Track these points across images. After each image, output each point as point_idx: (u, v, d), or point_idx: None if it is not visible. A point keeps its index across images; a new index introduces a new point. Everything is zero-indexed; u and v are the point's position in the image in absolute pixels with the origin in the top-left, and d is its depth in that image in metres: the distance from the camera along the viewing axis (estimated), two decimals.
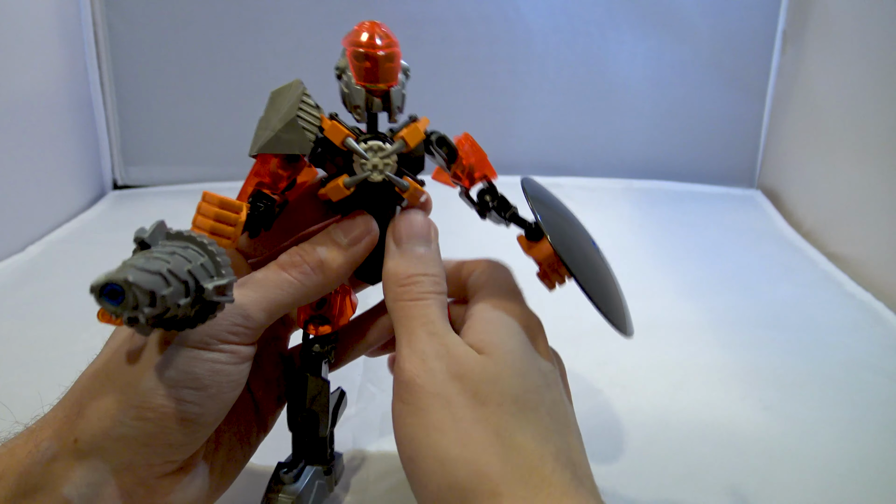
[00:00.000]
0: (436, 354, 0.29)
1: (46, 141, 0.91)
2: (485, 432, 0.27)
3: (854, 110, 0.86)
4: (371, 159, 0.32)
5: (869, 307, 0.70)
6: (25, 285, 0.73)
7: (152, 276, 0.23)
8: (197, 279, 0.25)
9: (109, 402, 0.27)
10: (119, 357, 0.28)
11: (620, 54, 1.09)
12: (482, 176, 0.35)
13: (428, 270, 0.32)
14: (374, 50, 0.32)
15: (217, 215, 0.30)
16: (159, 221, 0.26)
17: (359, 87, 0.33)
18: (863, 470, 0.45)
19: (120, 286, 0.22)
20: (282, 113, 0.32)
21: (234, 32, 1.06)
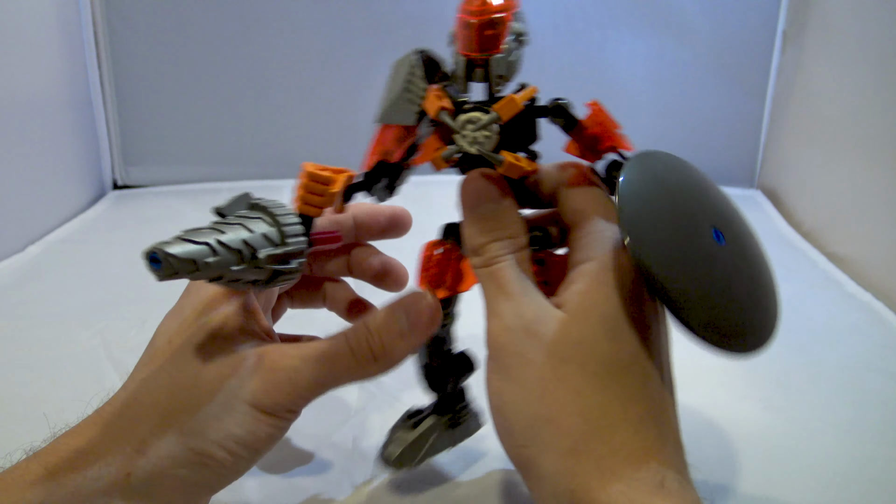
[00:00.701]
0: (512, 314, 0.29)
1: (46, 141, 0.91)
2: (566, 391, 0.27)
3: (854, 110, 0.86)
4: (467, 133, 0.31)
5: (869, 307, 0.70)
6: (25, 285, 0.73)
7: (197, 246, 0.26)
8: (254, 248, 0.27)
9: (174, 445, 0.28)
10: (188, 396, 0.29)
11: (620, 54, 1.09)
12: (608, 147, 0.33)
13: (497, 234, 0.31)
14: (473, 17, 0.30)
15: (307, 186, 0.32)
16: (243, 193, 0.30)
17: (460, 56, 0.32)
18: (863, 470, 0.45)
19: (157, 254, 0.25)
20: (396, 84, 0.33)
21: (234, 32, 1.06)
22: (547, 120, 0.33)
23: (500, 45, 0.31)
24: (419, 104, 0.32)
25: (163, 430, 0.28)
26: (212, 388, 0.29)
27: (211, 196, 1.02)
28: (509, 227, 0.31)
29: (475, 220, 0.31)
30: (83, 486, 0.27)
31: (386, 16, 1.07)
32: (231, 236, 0.27)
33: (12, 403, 0.51)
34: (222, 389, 0.29)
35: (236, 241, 0.27)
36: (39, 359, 0.57)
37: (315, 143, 1.13)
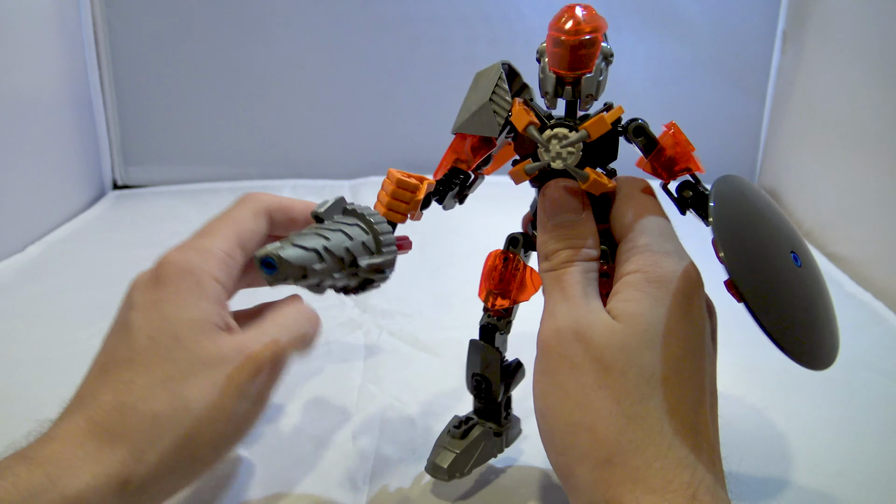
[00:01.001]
0: (566, 316, 0.29)
1: (46, 141, 0.91)
2: (606, 399, 0.27)
3: (854, 110, 0.86)
4: (552, 148, 0.32)
5: (869, 307, 0.70)
6: (25, 285, 0.73)
7: (307, 252, 0.27)
8: (355, 256, 0.28)
9: (169, 451, 0.29)
10: (184, 404, 0.29)
11: (620, 54, 1.08)
12: (684, 169, 0.34)
13: (571, 243, 0.32)
14: (567, 36, 0.31)
15: (394, 193, 0.32)
16: (339, 197, 0.31)
17: (551, 73, 0.32)
18: (862, 469, 0.45)
19: (273, 259, 0.25)
20: (479, 95, 0.33)
21: (235, 32, 1.06)
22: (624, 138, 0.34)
23: (592, 64, 0.32)
24: (504, 116, 0.32)
25: (158, 436, 0.29)
26: (204, 391, 0.30)
27: (211, 196, 1.03)
28: (584, 237, 0.32)
29: (552, 228, 0.32)
30: (83, 494, 0.27)
31: (386, 16, 1.07)
32: (335, 243, 0.28)
33: (12, 403, 0.51)
34: (213, 389, 0.30)
35: (340, 249, 0.28)
36: (39, 359, 0.57)
37: (315, 144, 1.13)
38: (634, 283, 0.29)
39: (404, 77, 1.10)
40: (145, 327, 0.31)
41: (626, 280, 0.30)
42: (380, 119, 1.12)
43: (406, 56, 1.09)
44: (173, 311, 0.31)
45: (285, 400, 0.50)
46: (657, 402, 0.27)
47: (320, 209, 0.30)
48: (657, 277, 0.29)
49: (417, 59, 1.09)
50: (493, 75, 0.33)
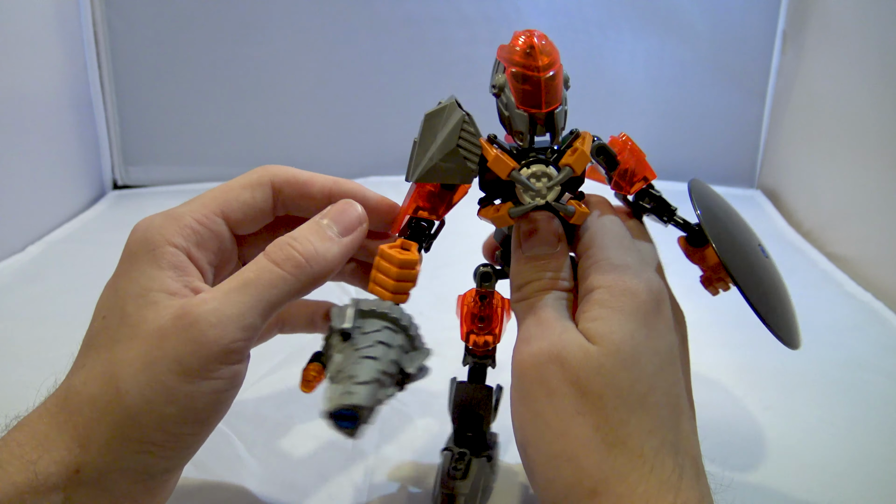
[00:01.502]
0: (540, 340, 0.28)
1: (46, 141, 0.91)
2: (584, 426, 0.27)
3: (854, 110, 0.86)
4: (537, 186, 0.30)
5: (869, 307, 0.70)
6: (25, 285, 0.73)
7: (372, 384, 0.25)
8: (402, 366, 0.27)
9: (111, 436, 0.27)
10: (116, 385, 0.27)
11: (620, 54, 1.09)
12: (641, 178, 0.34)
13: (545, 275, 0.31)
14: (536, 73, 0.29)
15: (399, 275, 0.30)
16: (353, 302, 0.28)
17: (521, 111, 0.30)
18: (862, 469, 0.45)
19: (351, 411, 0.24)
20: (440, 140, 0.31)
21: (235, 33, 1.06)
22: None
23: (561, 95, 0.30)
24: (476, 161, 0.31)
25: (98, 421, 0.27)
26: (136, 368, 0.27)
27: None
28: (560, 269, 0.31)
29: (527, 260, 0.32)
30: (36, 483, 0.26)
31: (386, 16, 1.07)
32: (384, 360, 0.26)
33: (12, 403, 0.50)
34: (146, 366, 0.27)
35: (389, 364, 0.26)
36: (39, 359, 0.57)
37: (315, 144, 1.13)
38: (600, 300, 0.29)
39: (404, 77, 1.10)
40: (102, 307, 0.30)
41: (591, 298, 0.29)
42: (380, 119, 1.12)
43: (406, 56, 1.09)
44: (124, 286, 0.29)
45: (285, 400, 0.50)
46: (636, 423, 0.27)
47: (345, 324, 0.27)
48: (622, 292, 0.29)
49: (417, 60, 1.09)
50: (454, 116, 0.31)
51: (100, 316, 0.29)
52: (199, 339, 0.26)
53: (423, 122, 0.31)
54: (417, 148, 0.31)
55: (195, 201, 0.32)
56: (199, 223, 0.31)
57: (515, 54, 0.29)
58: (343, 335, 0.27)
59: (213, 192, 0.33)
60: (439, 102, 0.31)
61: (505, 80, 0.30)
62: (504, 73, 0.30)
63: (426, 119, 0.31)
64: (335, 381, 0.25)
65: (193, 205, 0.32)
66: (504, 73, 0.30)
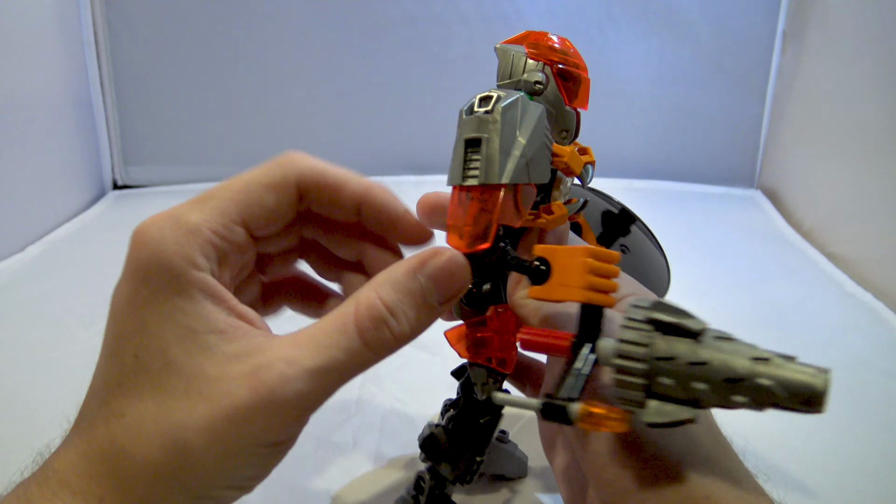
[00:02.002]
0: None
1: (46, 141, 0.91)
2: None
3: (854, 110, 0.86)
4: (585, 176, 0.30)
5: (869, 307, 0.70)
6: (25, 285, 0.73)
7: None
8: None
9: (176, 501, 0.24)
10: (185, 454, 0.23)
11: (620, 54, 1.09)
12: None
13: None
14: (585, 73, 0.29)
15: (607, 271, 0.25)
16: (653, 303, 0.23)
17: (570, 109, 0.29)
18: (862, 469, 0.45)
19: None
20: (529, 134, 0.27)
21: (234, 32, 1.06)
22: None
23: None
24: (550, 159, 0.28)
25: (161, 488, 0.24)
26: (209, 439, 0.23)
27: None
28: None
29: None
30: None
31: (386, 16, 1.07)
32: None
33: (12, 403, 0.51)
34: (222, 438, 0.23)
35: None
36: (39, 359, 0.57)
37: (315, 144, 1.13)
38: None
39: (404, 77, 1.10)
40: (129, 341, 0.24)
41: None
42: (380, 119, 1.12)
43: (406, 56, 1.09)
44: (155, 322, 0.24)
45: None
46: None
47: (694, 325, 0.22)
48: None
49: (417, 60, 1.09)
50: (534, 110, 0.27)
51: (128, 353, 0.24)
52: (283, 418, 0.24)
53: (490, 118, 0.26)
54: (487, 146, 0.26)
55: (209, 205, 0.27)
56: (220, 236, 0.26)
57: (560, 53, 0.29)
58: (689, 333, 0.22)
59: (229, 191, 0.27)
60: (477, 102, 0.27)
61: (550, 78, 0.29)
62: (542, 71, 0.29)
63: (504, 111, 0.26)
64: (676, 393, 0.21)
65: (209, 211, 0.26)
66: (542, 71, 0.29)
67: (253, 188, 0.28)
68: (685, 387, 0.22)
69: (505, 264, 0.27)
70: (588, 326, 0.24)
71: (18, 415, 0.49)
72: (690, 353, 0.22)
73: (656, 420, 0.22)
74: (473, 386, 0.33)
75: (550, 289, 0.25)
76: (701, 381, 0.21)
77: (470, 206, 0.26)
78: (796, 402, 0.22)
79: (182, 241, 0.25)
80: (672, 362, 0.22)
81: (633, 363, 0.22)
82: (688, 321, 0.22)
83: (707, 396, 0.22)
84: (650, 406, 0.22)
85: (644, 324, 0.22)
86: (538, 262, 0.26)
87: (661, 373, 0.22)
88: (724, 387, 0.21)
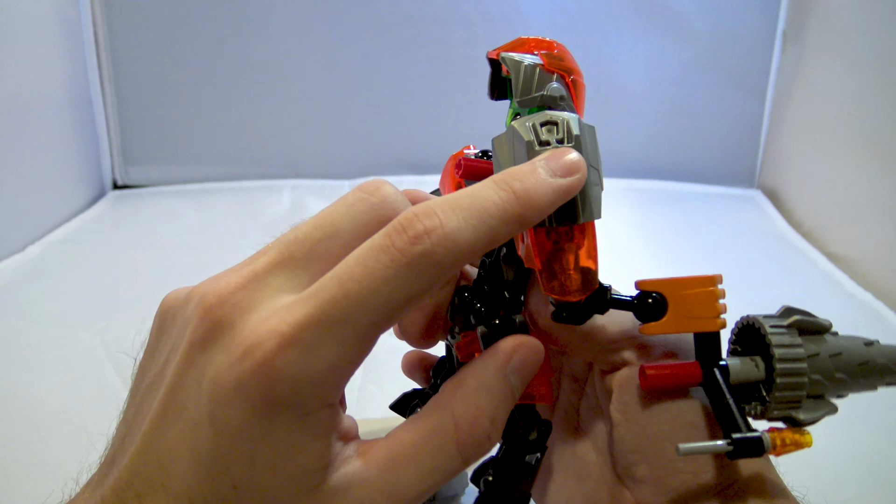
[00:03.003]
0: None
1: (46, 141, 0.91)
2: None
3: (854, 110, 0.86)
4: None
5: (869, 307, 0.70)
6: (25, 285, 0.73)
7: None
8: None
9: None
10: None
11: (620, 54, 1.09)
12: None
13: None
14: (582, 76, 0.27)
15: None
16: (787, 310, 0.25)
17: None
18: (862, 468, 0.45)
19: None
20: (597, 162, 0.25)
21: (234, 32, 1.06)
22: None
23: None
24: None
25: None
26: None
27: (211, 196, 1.03)
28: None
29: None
30: None
31: (386, 16, 1.07)
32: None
33: (12, 403, 0.51)
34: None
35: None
36: (39, 359, 0.57)
37: (315, 144, 1.13)
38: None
39: (404, 77, 1.10)
40: (232, 469, 0.21)
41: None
42: (380, 119, 1.12)
43: (406, 56, 1.09)
44: (266, 457, 0.21)
45: None
46: None
47: (828, 322, 0.26)
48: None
49: (417, 60, 1.09)
50: (591, 133, 0.26)
51: (227, 483, 0.21)
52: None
53: (585, 138, 0.25)
54: (592, 175, 0.25)
55: (346, 334, 0.20)
56: (358, 364, 0.22)
57: (570, 62, 0.27)
58: (822, 331, 0.26)
59: (367, 311, 0.20)
60: (541, 130, 0.25)
61: (566, 91, 0.27)
62: (559, 82, 0.27)
63: (582, 141, 0.25)
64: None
65: (348, 339, 0.21)
66: (559, 82, 0.27)
67: (396, 306, 0.21)
68: (830, 378, 0.24)
69: (609, 304, 0.25)
70: (709, 351, 0.25)
71: (18, 414, 0.49)
72: (828, 348, 0.25)
73: (811, 417, 0.24)
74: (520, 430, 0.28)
75: (674, 323, 0.25)
76: (841, 370, 0.24)
77: (563, 249, 0.24)
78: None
79: (320, 382, 0.21)
80: (818, 358, 0.24)
81: (796, 364, 0.24)
82: (821, 320, 0.25)
83: (844, 384, 0.24)
84: (805, 404, 0.24)
85: (789, 328, 0.25)
86: (651, 298, 0.26)
87: (812, 370, 0.24)
88: (857, 370, 0.25)
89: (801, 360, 0.24)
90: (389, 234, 0.21)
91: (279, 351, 0.20)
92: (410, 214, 0.21)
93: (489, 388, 0.23)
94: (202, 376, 0.21)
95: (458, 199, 0.21)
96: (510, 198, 0.22)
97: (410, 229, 0.20)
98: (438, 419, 0.22)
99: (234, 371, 0.20)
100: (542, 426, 0.28)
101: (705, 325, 0.25)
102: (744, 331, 0.26)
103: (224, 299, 0.21)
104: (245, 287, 0.22)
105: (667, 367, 0.25)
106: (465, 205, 0.21)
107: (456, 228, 0.21)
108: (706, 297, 0.25)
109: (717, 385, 0.24)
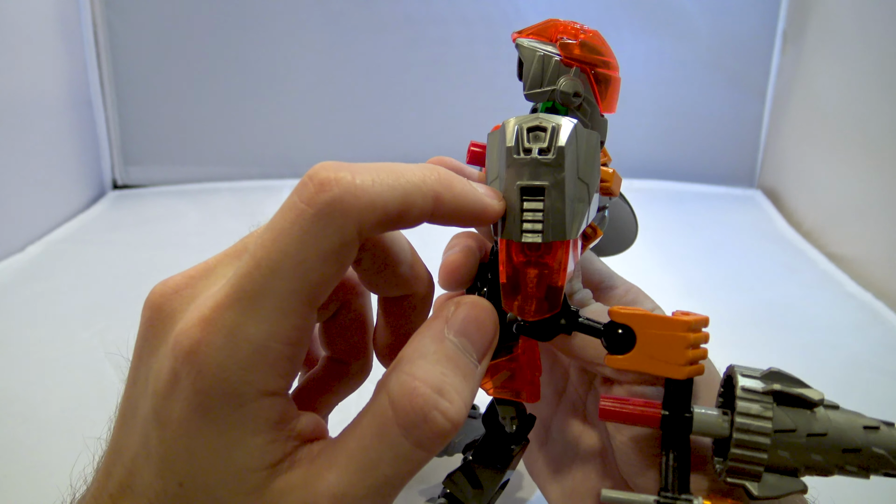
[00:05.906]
0: None
1: (46, 141, 0.91)
2: None
3: (854, 110, 0.86)
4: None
5: (869, 307, 0.70)
6: (25, 285, 0.73)
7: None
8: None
9: None
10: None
11: (620, 54, 1.08)
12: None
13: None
14: (617, 70, 0.24)
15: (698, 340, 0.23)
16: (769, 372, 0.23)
17: (602, 117, 0.26)
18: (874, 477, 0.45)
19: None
20: (595, 174, 0.23)
21: (234, 32, 1.06)
22: None
23: None
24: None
25: None
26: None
27: (211, 196, 1.03)
28: None
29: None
30: None
31: (386, 16, 1.07)
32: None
33: (12, 403, 0.51)
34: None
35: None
36: (39, 359, 0.57)
37: (315, 143, 1.13)
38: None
39: (404, 77, 1.10)
40: (176, 466, 0.20)
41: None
42: (380, 119, 1.12)
43: (406, 56, 1.09)
44: (206, 454, 0.20)
45: None
46: None
47: (817, 395, 0.23)
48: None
49: (417, 60, 1.09)
50: (594, 140, 0.23)
51: (173, 480, 0.20)
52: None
53: (550, 161, 0.22)
54: (550, 197, 0.22)
55: (267, 307, 0.19)
56: (292, 343, 0.20)
57: (596, 54, 0.25)
58: (807, 405, 0.22)
59: (283, 279, 0.19)
60: (526, 136, 0.22)
61: (584, 85, 0.25)
62: (578, 76, 0.25)
63: (566, 153, 0.22)
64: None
65: (271, 319, 0.19)
66: (578, 76, 0.25)
67: (311, 266, 0.19)
68: (801, 458, 0.21)
69: (575, 327, 0.24)
70: (677, 397, 0.23)
71: (18, 414, 0.49)
72: (809, 426, 0.22)
73: (769, 494, 0.21)
74: (501, 421, 0.28)
75: (638, 360, 0.23)
76: (818, 452, 0.22)
77: (529, 267, 0.22)
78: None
79: (249, 366, 0.19)
80: (791, 435, 0.21)
81: (757, 437, 0.21)
82: (808, 392, 0.22)
83: (820, 466, 0.22)
84: (764, 479, 0.21)
85: (763, 395, 0.22)
86: (620, 330, 0.23)
87: (780, 446, 0.21)
88: (841, 457, 0.22)
89: (765, 435, 0.21)
90: (297, 189, 0.20)
91: (203, 336, 0.19)
92: (318, 166, 0.20)
93: (425, 354, 0.21)
94: (149, 372, 0.20)
95: (377, 164, 0.20)
96: (433, 174, 0.21)
97: (316, 177, 0.19)
98: (375, 402, 0.21)
99: (168, 363, 0.19)
100: (524, 420, 0.28)
101: (669, 371, 0.22)
102: (728, 382, 0.24)
103: (168, 295, 0.21)
104: (191, 282, 0.21)
105: (627, 403, 0.23)
106: (382, 167, 0.20)
107: (368, 181, 0.19)
108: (673, 341, 0.22)
109: (672, 435, 0.23)
